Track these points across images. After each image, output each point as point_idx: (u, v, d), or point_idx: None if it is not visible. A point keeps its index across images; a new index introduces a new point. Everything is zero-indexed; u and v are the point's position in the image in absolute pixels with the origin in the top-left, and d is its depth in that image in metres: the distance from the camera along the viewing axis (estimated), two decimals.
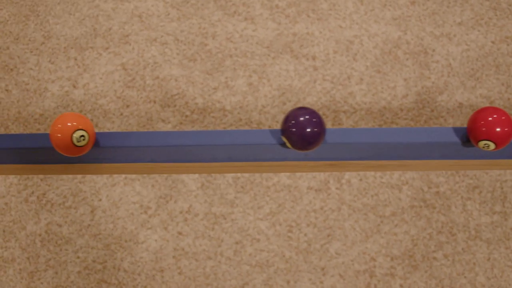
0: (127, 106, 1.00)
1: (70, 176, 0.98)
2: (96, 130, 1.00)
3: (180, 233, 0.93)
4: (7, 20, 1.09)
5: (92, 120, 1.01)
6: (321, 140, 0.73)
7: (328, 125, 0.97)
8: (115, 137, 0.69)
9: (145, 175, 0.95)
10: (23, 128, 1.01)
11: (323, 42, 1.02)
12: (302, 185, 0.94)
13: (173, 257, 0.92)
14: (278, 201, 0.94)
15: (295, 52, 1.01)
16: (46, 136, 0.61)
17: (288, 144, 0.74)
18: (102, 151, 0.70)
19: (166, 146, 0.71)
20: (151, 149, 0.73)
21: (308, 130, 0.71)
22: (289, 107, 0.98)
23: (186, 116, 0.99)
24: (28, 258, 0.95)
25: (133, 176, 0.96)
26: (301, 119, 0.71)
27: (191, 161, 0.83)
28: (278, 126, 0.97)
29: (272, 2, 1.05)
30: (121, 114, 1.00)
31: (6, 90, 1.04)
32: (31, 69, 1.05)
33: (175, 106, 0.99)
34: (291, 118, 0.73)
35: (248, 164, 0.86)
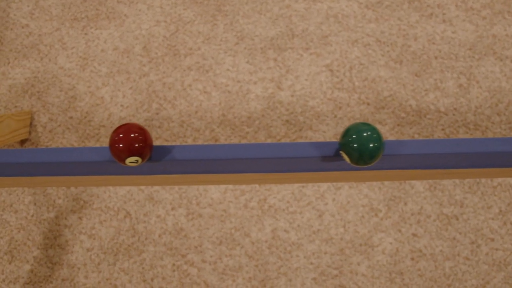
0: (340, 108, 0.99)
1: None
2: (311, 133, 0.98)
3: (414, 234, 0.93)
4: (194, 20, 1.05)
5: (304, 122, 0.99)
6: None
7: None
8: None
9: None
10: (231, 131, 0.98)
11: None
12: None
13: (411, 259, 0.92)
14: (506, 200, 0.95)
15: (498, 54, 1.03)
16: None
17: None
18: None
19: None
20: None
21: None
22: (501, 108, 1.00)
23: (402, 118, 0.98)
24: (256, 266, 0.92)
25: None
26: None
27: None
28: (493, 127, 0.98)
29: (466, 4, 1.06)
30: (335, 116, 0.99)
31: (205, 92, 1.00)
32: (228, 70, 1.02)
33: (389, 108, 0.99)
34: None
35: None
